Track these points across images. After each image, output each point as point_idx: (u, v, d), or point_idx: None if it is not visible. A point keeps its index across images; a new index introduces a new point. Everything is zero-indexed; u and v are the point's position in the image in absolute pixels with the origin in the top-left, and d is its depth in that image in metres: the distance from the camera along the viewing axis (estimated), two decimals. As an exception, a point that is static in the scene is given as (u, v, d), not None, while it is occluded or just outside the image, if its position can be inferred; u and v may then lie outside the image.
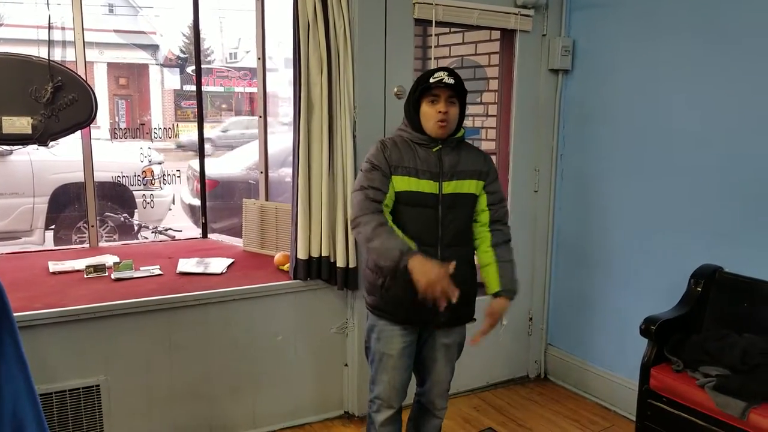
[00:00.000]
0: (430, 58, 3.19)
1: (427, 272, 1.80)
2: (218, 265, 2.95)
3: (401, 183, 2.00)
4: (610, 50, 3.06)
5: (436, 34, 3.04)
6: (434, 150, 2.03)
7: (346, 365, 2.98)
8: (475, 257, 2.17)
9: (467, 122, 3.67)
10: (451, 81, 1.96)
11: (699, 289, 2.58)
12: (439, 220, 2.02)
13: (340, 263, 2.75)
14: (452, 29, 3.49)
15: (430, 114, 1.99)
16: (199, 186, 3.62)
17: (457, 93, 2.00)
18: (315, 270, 2.77)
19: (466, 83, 2.04)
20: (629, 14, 2.95)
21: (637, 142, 2.96)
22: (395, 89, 2.82)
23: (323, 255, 2.76)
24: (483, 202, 2.11)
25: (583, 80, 3.22)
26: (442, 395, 2.24)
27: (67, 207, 4.97)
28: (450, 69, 2.04)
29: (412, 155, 2.02)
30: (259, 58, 3.25)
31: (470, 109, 3.66)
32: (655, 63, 2.85)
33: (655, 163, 2.88)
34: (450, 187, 2.03)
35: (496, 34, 3.30)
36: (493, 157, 3.35)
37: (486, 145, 3.53)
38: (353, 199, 2.02)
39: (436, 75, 1.97)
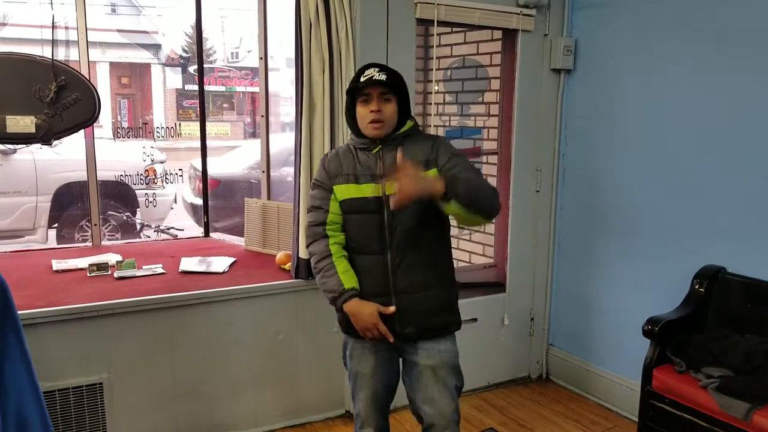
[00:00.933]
0: (432, 58, 3.19)
1: (358, 317, 1.82)
2: (220, 264, 2.95)
3: (342, 191, 1.90)
4: (612, 50, 3.06)
5: (437, 34, 3.05)
6: (374, 151, 1.90)
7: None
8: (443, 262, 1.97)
9: (469, 122, 3.67)
10: (382, 77, 1.82)
11: (702, 289, 2.58)
12: (386, 224, 1.86)
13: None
14: (454, 29, 3.49)
15: (363, 114, 1.87)
16: (201, 185, 3.63)
17: (392, 88, 1.86)
18: (317, 269, 2.77)
19: (468, 83, 1.95)
20: (631, 14, 2.95)
21: (639, 142, 2.95)
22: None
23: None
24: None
25: (585, 80, 3.22)
26: (447, 428, 1.92)
27: (70, 206, 4.99)
28: (381, 65, 1.90)
29: (352, 161, 1.92)
30: (261, 58, 3.26)
31: (472, 109, 3.66)
32: (657, 62, 2.84)
33: (657, 163, 2.88)
34: (393, 186, 1.76)
35: (498, 34, 3.30)
36: (495, 157, 3.39)
37: (487, 145, 3.53)
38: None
39: (366, 73, 1.85)
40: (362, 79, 1.84)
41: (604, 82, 3.11)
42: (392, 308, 1.83)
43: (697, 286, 2.60)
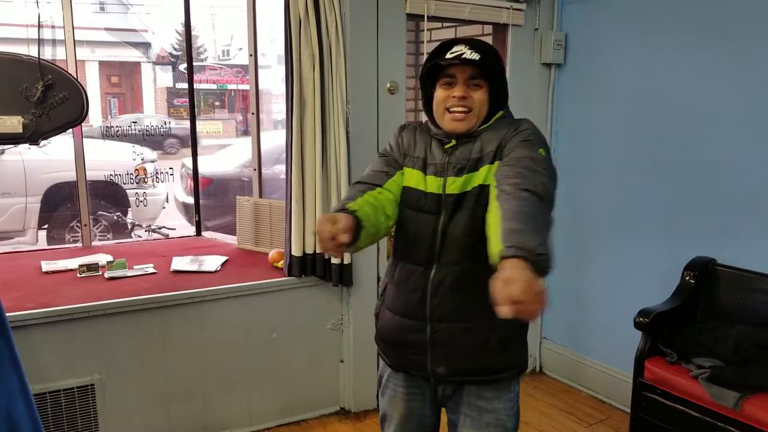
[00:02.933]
0: (423, 53, 3.19)
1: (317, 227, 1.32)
2: (212, 262, 2.94)
3: (407, 176, 1.53)
4: (602, 44, 3.07)
5: (428, 29, 3.04)
6: (447, 146, 1.51)
7: (342, 361, 2.98)
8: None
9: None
10: (475, 57, 1.42)
11: (692, 281, 2.60)
12: (438, 230, 1.47)
13: (335, 260, 2.74)
14: (444, 24, 3.49)
15: (442, 99, 1.48)
16: (192, 184, 3.61)
17: (485, 72, 1.47)
18: (309, 266, 2.77)
19: None
20: (621, 7, 2.95)
21: (629, 135, 2.96)
22: (388, 85, 2.82)
23: (318, 252, 2.75)
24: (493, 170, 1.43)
25: (576, 74, 3.22)
26: None
27: (59, 206, 4.95)
28: (475, 40, 1.49)
29: (424, 145, 1.55)
30: (251, 55, 3.24)
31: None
32: (648, 56, 2.85)
33: (647, 156, 2.89)
34: (456, 185, 1.46)
35: (489, 29, 3.29)
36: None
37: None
38: None
39: (454, 49, 1.44)
40: (448, 56, 1.44)
41: (595, 76, 3.11)
42: (345, 236, 1.27)
43: (687, 278, 2.61)
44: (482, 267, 1.27)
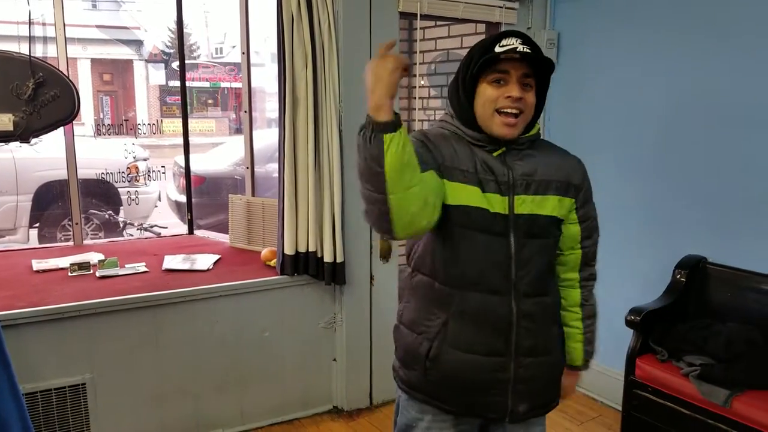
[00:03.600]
0: (416, 52, 3.19)
1: (374, 69, 1.18)
2: (204, 261, 2.93)
3: (460, 193, 1.31)
4: (595, 43, 3.08)
5: (421, 28, 3.04)
6: (496, 154, 1.36)
7: (335, 360, 2.98)
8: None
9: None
10: (528, 50, 1.29)
11: (683, 279, 2.61)
12: (513, 255, 1.33)
13: (328, 258, 2.74)
14: (438, 22, 3.49)
15: (492, 99, 1.31)
16: (184, 182, 3.60)
17: (536, 70, 1.33)
18: (302, 265, 2.77)
19: (452, 77, 1.42)
20: (613, 6, 2.96)
21: (622, 135, 2.98)
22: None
23: (310, 250, 2.75)
24: (575, 235, 1.43)
25: (569, 73, 3.23)
26: None
27: (51, 205, 4.92)
28: (522, 33, 1.34)
29: (469, 156, 1.34)
30: (243, 53, 3.24)
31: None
32: (640, 55, 2.86)
33: (640, 156, 2.90)
34: (526, 204, 1.34)
35: (482, 27, 3.30)
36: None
37: (472, 139, 3.53)
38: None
39: (504, 42, 1.29)
40: (499, 49, 1.28)
41: (588, 75, 3.13)
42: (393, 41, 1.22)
43: (678, 276, 2.63)
44: (555, 296, 1.43)
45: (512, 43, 1.29)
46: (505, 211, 1.33)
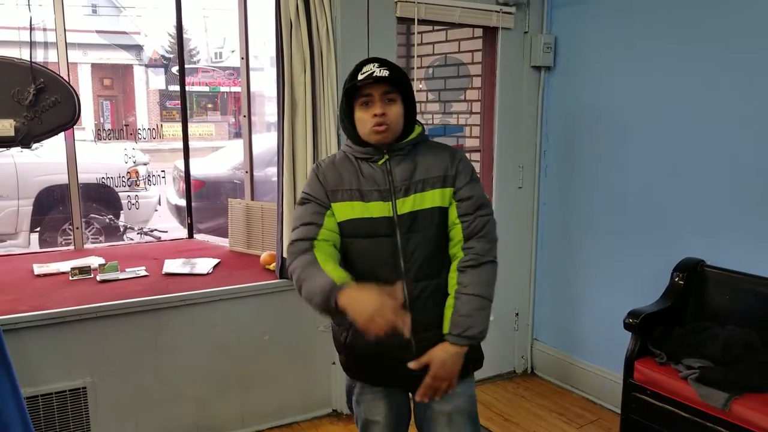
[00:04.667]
0: (414, 56, 3.21)
1: (361, 306, 1.37)
2: (204, 265, 2.94)
3: (344, 210, 1.59)
4: (591, 46, 3.09)
5: (419, 32, 3.06)
6: (380, 163, 1.60)
7: (334, 363, 2.99)
8: None
9: (451, 120, 3.69)
10: (384, 73, 1.53)
11: (681, 282, 2.62)
12: (400, 249, 1.57)
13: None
14: (435, 27, 3.51)
15: (365, 119, 1.57)
16: (184, 186, 3.61)
17: (396, 86, 1.57)
18: (301, 269, 2.77)
19: (450, 81, 1.66)
20: (610, 10, 2.98)
21: (619, 138, 2.99)
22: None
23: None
24: (453, 213, 1.62)
25: (565, 77, 3.25)
26: None
27: (52, 209, 4.94)
28: (382, 59, 1.60)
29: (354, 174, 1.60)
30: (242, 58, 3.25)
31: (454, 107, 3.68)
32: (636, 59, 2.88)
33: (637, 159, 2.91)
34: (407, 204, 1.58)
35: (479, 32, 3.32)
36: (477, 155, 3.40)
37: (470, 143, 3.55)
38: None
39: (364, 69, 1.55)
40: (360, 77, 1.54)
41: (584, 78, 3.14)
42: (399, 285, 1.44)
43: (676, 279, 2.64)
44: (444, 272, 1.62)
45: (370, 68, 1.54)
46: (389, 213, 1.58)
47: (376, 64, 1.56)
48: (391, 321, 1.35)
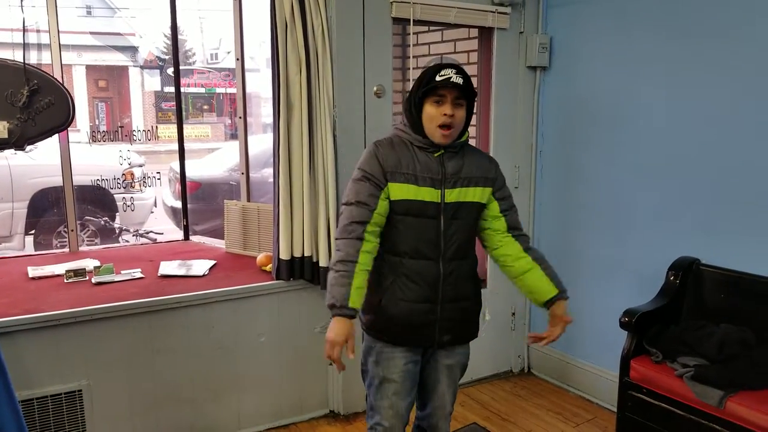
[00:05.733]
0: (410, 57, 3.21)
1: (333, 331, 1.75)
2: (200, 267, 2.94)
3: (399, 191, 1.81)
4: (587, 46, 3.10)
5: (414, 33, 3.06)
6: (435, 155, 1.84)
7: (331, 364, 2.98)
8: (479, 269, 2.03)
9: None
10: (459, 81, 1.77)
11: (677, 281, 2.63)
12: (441, 232, 1.84)
13: (323, 263, 2.75)
14: (431, 28, 3.51)
15: (434, 116, 1.79)
16: (180, 188, 3.61)
17: (465, 94, 1.80)
18: (298, 270, 2.77)
19: None
20: (605, 10, 2.99)
21: (614, 137, 3.00)
22: (375, 88, 2.83)
23: (306, 255, 2.76)
24: (495, 208, 1.93)
25: (561, 77, 3.25)
26: (445, 418, 2.05)
27: (46, 211, 4.91)
28: (458, 66, 1.82)
29: (410, 159, 1.83)
30: (237, 59, 3.25)
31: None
32: (632, 59, 2.89)
33: (633, 158, 2.92)
34: (453, 195, 1.84)
35: (475, 32, 3.32)
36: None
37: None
38: (341, 212, 1.87)
39: (443, 73, 1.77)
40: (439, 78, 1.76)
41: (580, 78, 3.15)
42: (351, 356, 1.78)
43: (672, 278, 2.64)
44: (472, 256, 1.95)
45: (448, 73, 1.77)
46: (437, 200, 1.82)
47: (454, 71, 1.77)
48: (334, 357, 1.77)
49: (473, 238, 1.95)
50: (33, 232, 4.98)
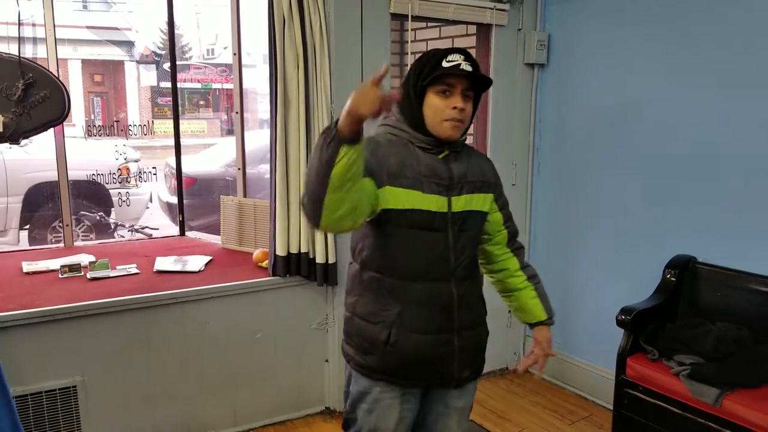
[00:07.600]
0: (407, 53, 3.20)
1: (358, 95, 1.24)
2: (196, 262, 2.92)
3: (402, 198, 1.48)
4: (585, 44, 3.10)
5: (412, 29, 3.05)
6: (441, 156, 1.54)
7: (327, 361, 2.98)
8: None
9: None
10: (469, 68, 1.48)
11: (673, 279, 2.63)
12: (450, 247, 1.54)
13: (320, 259, 2.74)
14: (429, 24, 3.50)
15: (440, 109, 1.48)
16: (176, 183, 3.59)
17: (475, 84, 1.51)
18: (294, 266, 2.77)
19: None
20: (603, 7, 2.98)
21: (612, 135, 3.00)
22: (372, 84, 2.82)
23: (302, 251, 2.75)
24: (498, 220, 1.68)
25: (559, 74, 3.25)
26: None
27: (41, 206, 4.89)
28: (465, 51, 1.51)
29: (415, 161, 1.51)
30: (234, 54, 3.23)
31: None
32: (630, 57, 2.88)
33: (630, 156, 2.92)
34: (460, 203, 1.55)
35: (473, 29, 3.31)
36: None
37: (464, 140, 3.55)
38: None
39: (450, 58, 1.47)
40: (446, 65, 1.46)
41: (578, 76, 3.14)
42: (386, 64, 1.31)
43: (668, 276, 2.65)
44: (480, 278, 1.70)
45: (457, 59, 1.48)
46: (444, 209, 1.53)
47: (462, 57, 1.48)
48: (378, 95, 1.24)
49: (477, 253, 1.69)
50: (28, 226, 4.96)
